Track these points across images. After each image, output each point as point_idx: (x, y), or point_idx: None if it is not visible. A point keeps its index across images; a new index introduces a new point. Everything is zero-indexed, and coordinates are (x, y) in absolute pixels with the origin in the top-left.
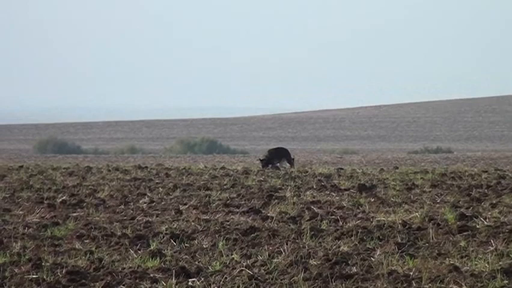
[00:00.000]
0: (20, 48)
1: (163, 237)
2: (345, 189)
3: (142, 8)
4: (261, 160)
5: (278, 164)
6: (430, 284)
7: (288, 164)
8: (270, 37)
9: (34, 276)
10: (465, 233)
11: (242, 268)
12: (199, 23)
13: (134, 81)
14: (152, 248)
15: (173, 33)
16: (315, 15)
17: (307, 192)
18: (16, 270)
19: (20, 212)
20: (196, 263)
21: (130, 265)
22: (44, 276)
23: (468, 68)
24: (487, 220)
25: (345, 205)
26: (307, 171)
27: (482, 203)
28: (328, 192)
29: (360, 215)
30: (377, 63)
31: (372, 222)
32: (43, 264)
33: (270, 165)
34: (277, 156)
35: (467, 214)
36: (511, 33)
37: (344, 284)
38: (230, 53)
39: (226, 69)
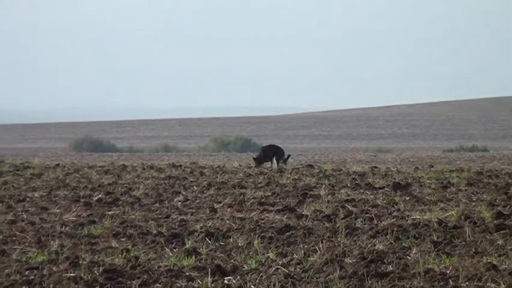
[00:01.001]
0: (59, 48)
1: (198, 235)
2: (380, 188)
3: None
4: (254, 158)
5: (274, 161)
6: (467, 283)
7: (280, 161)
8: (305, 36)
9: (72, 274)
10: (502, 232)
11: (278, 266)
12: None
13: (169, 81)
14: (187, 246)
15: (210, 32)
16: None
17: (342, 191)
18: (54, 268)
19: (57, 211)
20: (232, 261)
21: (166, 263)
22: (82, 275)
23: (503, 65)
24: None
25: (379, 203)
26: (341, 170)
27: None
28: (362, 191)
29: (395, 214)
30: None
31: (407, 220)
32: (80, 262)
33: (264, 162)
34: (271, 153)
35: (504, 212)
36: None
37: (379, 283)
38: (263, 52)
39: (260, 68)
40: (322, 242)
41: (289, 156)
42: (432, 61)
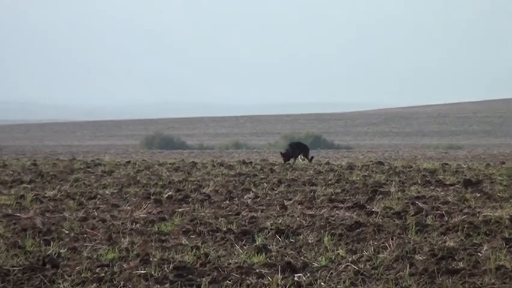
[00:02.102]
0: (128, 46)
1: (268, 232)
2: (451, 185)
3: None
4: (281, 154)
5: (299, 158)
6: None
7: (306, 159)
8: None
9: (142, 271)
10: None
11: (348, 263)
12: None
13: (240, 77)
14: (257, 243)
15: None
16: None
17: (412, 188)
18: (125, 265)
19: (128, 208)
20: (302, 258)
21: (236, 260)
22: (152, 272)
23: None
24: None
25: (450, 200)
26: (411, 167)
27: None
28: (433, 188)
29: (466, 210)
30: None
31: (478, 217)
32: (151, 259)
33: (292, 159)
34: (297, 150)
35: None
36: None
37: (450, 280)
38: (334, 49)
39: (331, 65)
40: (392, 239)
41: (312, 157)
42: (503, 56)
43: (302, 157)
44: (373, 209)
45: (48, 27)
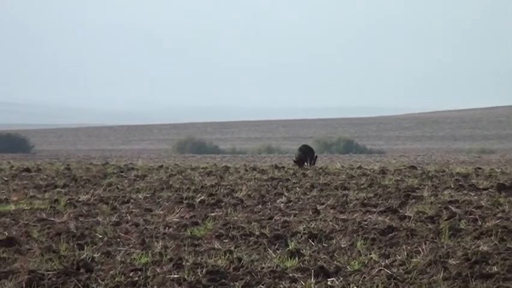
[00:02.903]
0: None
1: (301, 236)
2: (484, 189)
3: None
4: (295, 161)
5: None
6: None
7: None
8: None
9: (175, 275)
10: None
11: (381, 267)
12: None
13: (272, 82)
14: (290, 247)
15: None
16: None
17: (445, 192)
18: (158, 269)
19: (161, 212)
20: (335, 262)
21: (269, 265)
22: (185, 276)
23: None
24: None
25: (483, 204)
26: (444, 171)
27: None
28: (466, 192)
29: (499, 215)
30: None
31: None
32: (184, 263)
33: (305, 163)
34: (308, 154)
35: None
36: None
37: (484, 284)
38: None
39: (363, 69)
40: (425, 243)
41: (316, 157)
42: None
43: (308, 160)
44: (406, 214)
45: (82, 31)
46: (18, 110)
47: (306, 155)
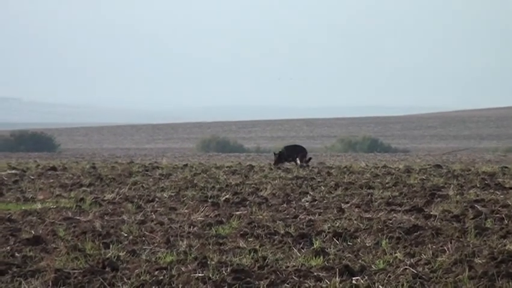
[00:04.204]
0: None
1: (326, 235)
2: (510, 188)
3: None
4: (275, 154)
5: (298, 161)
6: None
7: (298, 162)
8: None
9: (200, 274)
10: None
11: (406, 266)
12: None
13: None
14: (315, 246)
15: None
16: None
17: (471, 191)
18: (183, 268)
19: (186, 211)
20: (360, 261)
21: (294, 263)
22: (210, 275)
23: None
24: None
25: (510, 203)
26: (470, 170)
27: None
28: (492, 191)
29: None
30: None
31: None
32: (209, 262)
33: (285, 161)
34: (294, 153)
35: None
36: None
37: (510, 283)
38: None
39: (387, 69)
40: (451, 242)
41: (310, 158)
42: None
43: (299, 160)
44: (431, 213)
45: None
46: (44, 109)
47: (290, 152)
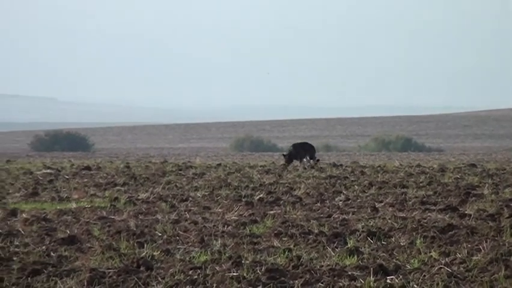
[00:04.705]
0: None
1: (360, 234)
2: None
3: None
4: (284, 155)
5: (305, 160)
6: None
7: (311, 160)
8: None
9: (234, 274)
10: None
11: (441, 266)
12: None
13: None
14: (349, 245)
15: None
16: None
17: (506, 190)
18: (217, 268)
19: (219, 210)
20: (394, 260)
21: (328, 263)
22: (244, 274)
23: None
24: None
25: None
26: (505, 169)
27: None
28: None
29: None
30: None
31: None
32: (243, 261)
33: (296, 160)
34: (302, 151)
35: None
36: None
37: None
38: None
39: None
40: (486, 241)
41: (318, 160)
42: None
43: (308, 158)
44: (466, 212)
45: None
46: (77, 109)
47: (299, 151)
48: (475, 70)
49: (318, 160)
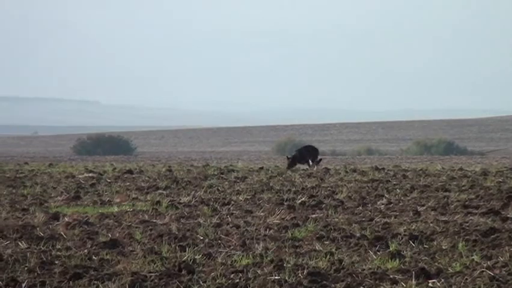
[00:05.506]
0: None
1: (402, 238)
2: None
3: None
4: (288, 158)
5: (310, 162)
6: None
7: (310, 163)
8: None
9: (276, 277)
10: None
11: (483, 269)
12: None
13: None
14: (391, 249)
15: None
16: None
17: None
18: (259, 271)
19: (261, 214)
20: (436, 264)
21: (370, 266)
22: (286, 278)
23: None
24: None
25: None
26: None
27: None
28: None
29: None
30: None
31: None
32: (285, 265)
33: (300, 163)
34: (307, 153)
35: None
36: None
37: None
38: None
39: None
40: None
41: (321, 159)
42: None
43: (311, 160)
44: (508, 215)
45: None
46: (120, 112)
47: (304, 155)
48: None
49: (320, 160)
